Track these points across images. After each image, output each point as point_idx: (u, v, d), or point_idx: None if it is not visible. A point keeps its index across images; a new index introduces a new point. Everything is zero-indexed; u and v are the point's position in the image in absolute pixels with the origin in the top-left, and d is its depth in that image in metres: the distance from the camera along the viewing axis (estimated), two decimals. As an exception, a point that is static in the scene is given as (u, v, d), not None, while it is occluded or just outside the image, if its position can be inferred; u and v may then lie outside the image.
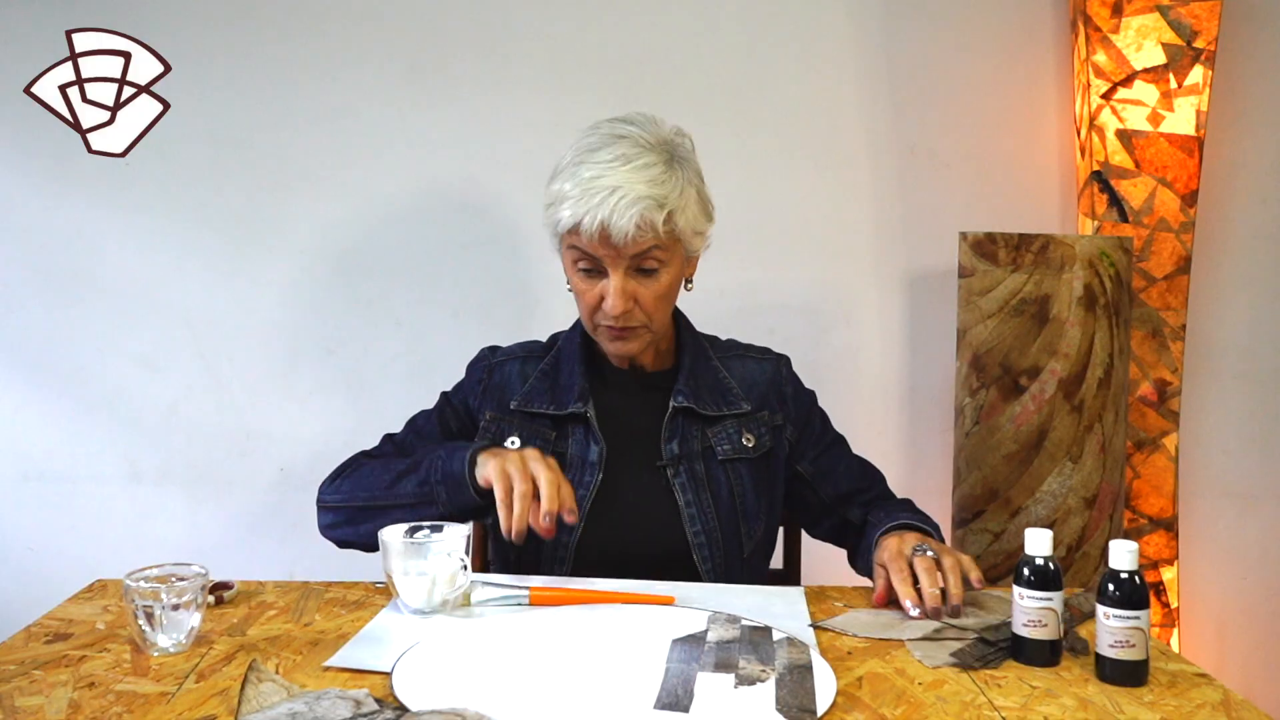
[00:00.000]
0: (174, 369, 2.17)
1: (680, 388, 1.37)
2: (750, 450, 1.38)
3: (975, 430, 1.88)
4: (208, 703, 0.94)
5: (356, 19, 2.13)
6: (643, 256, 1.27)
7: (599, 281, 1.29)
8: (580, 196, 1.24)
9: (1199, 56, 2.00)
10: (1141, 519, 2.07)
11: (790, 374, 1.48)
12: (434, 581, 1.13)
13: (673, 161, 1.29)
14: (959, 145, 2.15)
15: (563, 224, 1.26)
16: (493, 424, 1.40)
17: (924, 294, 2.17)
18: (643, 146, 1.27)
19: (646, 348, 1.37)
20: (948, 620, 1.14)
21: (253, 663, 1.02)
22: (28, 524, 2.19)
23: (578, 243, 1.27)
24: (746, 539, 1.37)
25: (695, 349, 1.43)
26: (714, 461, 1.36)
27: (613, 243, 1.24)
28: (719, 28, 2.14)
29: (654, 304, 1.31)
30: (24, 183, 2.13)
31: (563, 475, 1.18)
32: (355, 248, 2.16)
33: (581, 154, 1.28)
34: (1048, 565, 1.03)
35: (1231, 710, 0.95)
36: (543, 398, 1.40)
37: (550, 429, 1.38)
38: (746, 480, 1.37)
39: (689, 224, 1.30)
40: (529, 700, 0.91)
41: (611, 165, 1.25)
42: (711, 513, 1.34)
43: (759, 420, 1.40)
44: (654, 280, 1.30)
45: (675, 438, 1.36)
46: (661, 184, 1.26)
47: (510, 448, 1.32)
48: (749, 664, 0.98)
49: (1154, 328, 2.05)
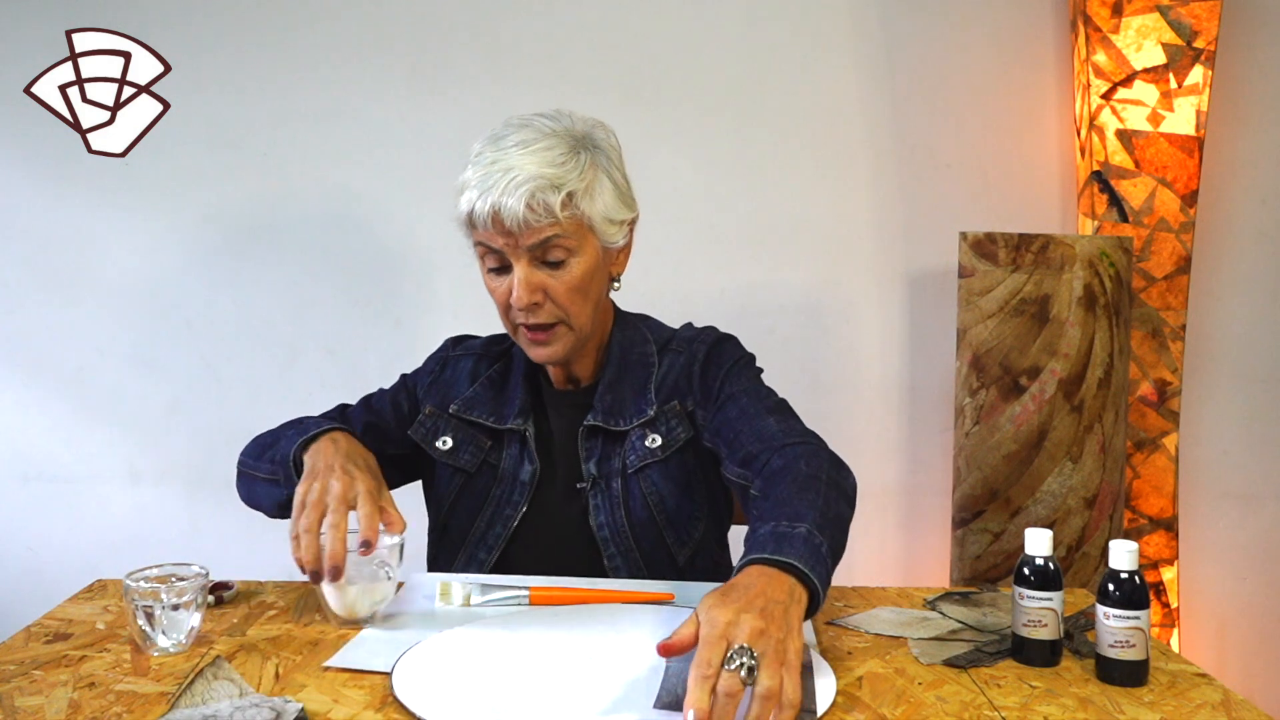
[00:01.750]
0: (174, 369, 2.17)
1: (595, 403, 1.29)
2: (658, 451, 1.28)
3: (975, 430, 1.88)
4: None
5: (356, 19, 2.13)
6: (545, 246, 1.19)
7: (506, 278, 1.21)
8: (475, 183, 1.18)
9: (1199, 56, 2.00)
10: (1141, 519, 2.07)
11: (704, 350, 1.33)
12: (359, 591, 1.10)
13: (579, 147, 1.22)
14: (959, 145, 2.15)
15: (461, 212, 1.20)
16: (429, 419, 1.36)
17: (924, 294, 2.17)
18: (546, 133, 1.21)
19: (572, 352, 1.27)
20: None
21: (216, 659, 1.02)
22: (28, 524, 2.19)
23: (479, 235, 1.21)
24: (677, 547, 1.28)
25: (626, 355, 1.33)
26: (628, 476, 1.28)
27: (507, 228, 1.17)
28: (719, 28, 2.14)
29: (567, 296, 1.21)
30: (24, 183, 2.14)
31: (367, 501, 1.09)
32: (355, 248, 2.16)
33: (485, 142, 1.22)
34: (1048, 565, 1.03)
35: (1231, 710, 0.95)
36: (484, 406, 1.34)
37: (486, 438, 1.33)
38: (661, 486, 1.28)
39: (599, 210, 1.21)
40: (530, 701, 0.91)
41: (510, 150, 1.19)
42: (626, 531, 1.27)
43: (667, 414, 1.29)
44: (564, 271, 1.21)
45: (593, 457, 1.29)
46: (559, 165, 1.18)
47: (440, 446, 1.32)
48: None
49: (1154, 328, 2.05)
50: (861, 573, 2.07)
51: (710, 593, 0.90)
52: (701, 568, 1.30)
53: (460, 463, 1.33)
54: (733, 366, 1.31)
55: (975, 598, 1.24)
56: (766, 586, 0.91)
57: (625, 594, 1.19)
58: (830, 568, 0.99)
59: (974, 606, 1.21)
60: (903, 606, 1.21)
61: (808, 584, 0.94)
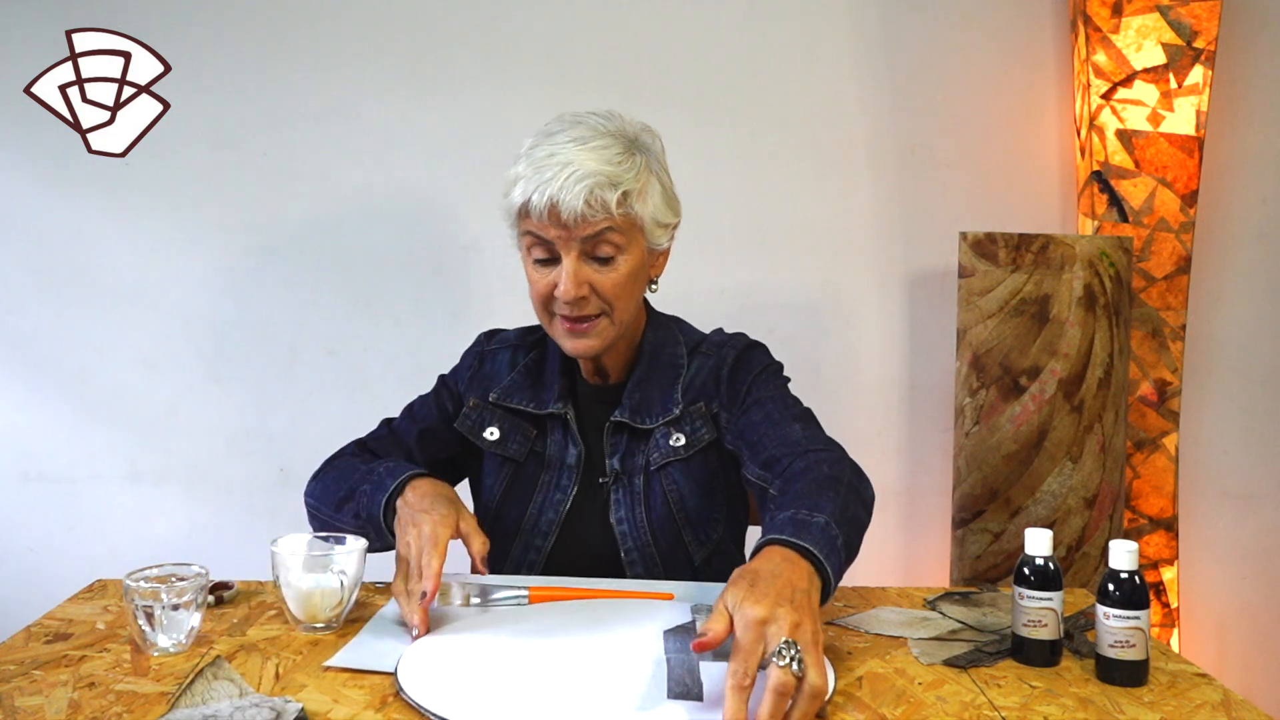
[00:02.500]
0: (174, 369, 2.17)
1: (624, 399, 1.31)
2: (681, 450, 1.29)
3: (975, 430, 1.88)
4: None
5: (356, 19, 2.13)
6: (596, 240, 1.21)
7: (552, 270, 1.23)
8: (531, 175, 1.20)
9: (1199, 56, 2.00)
10: (1141, 519, 2.07)
11: (733, 355, 1.34)
12: (320, 597, 1.10)
13: (633, 148, 1.24)
14: (959, 145, 2.15)
15: (515, 205, 1.21)
16: (474, 411, 1.37)
17: (924, 294, 2.17)
18: (601, 132, 1.23)
19: (607, 346, 1.28)
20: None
21: (216, 659, 1.02)
22: (28, 524, 2.19)
23: (530, 225, 1.22)
24: (695, 546, 1.30)
25: (657, 355, 1.34)
26: (651, 473, 1.30)
27: (563, 221, 1.19)
28: (719, 28, 2.14)
29: (611, 292, 1.23)
30: (24, 183, 2.14)
31: (432, 558, 1.08)
32: (355, 248, 2.16)
33: (539, 137, 1.24)
34: (1048, 565, 1.03)
35: (1231, 710, 0.95)
36: (523, 393, 1.35)
37: (531, 426, 1.35)
38: (683, 484, 1.29)
39: (649, 212, 1.23)
40: (541, 696, 0.91)
41: (566, 145, 1.20)
42: (645, 528, 1.28)
43: (692, 415, 1.30)
44: (611, 269, 1.23)
45: (617, 453, 1.30)
46: (617, 164, 1.20)
47: (488, 437, 1.33)
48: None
49: (1154, 328, 2.05)
50: (861, 573, 2.05)
51: (736, 580, 0.91)
52: (718, 568, 1.31)
53: (509, 452, 1.34)
54: (761, 373, 1.33)
55: (975, 598, 1.24)
56: (791, 573, 0.92)
57: (624, 592, 1.19)
58: (843, 562, 1.02)
59: (974, 606, 1.21)
60: (903, 606, 1.21)
61: (822, 573, 0.96)
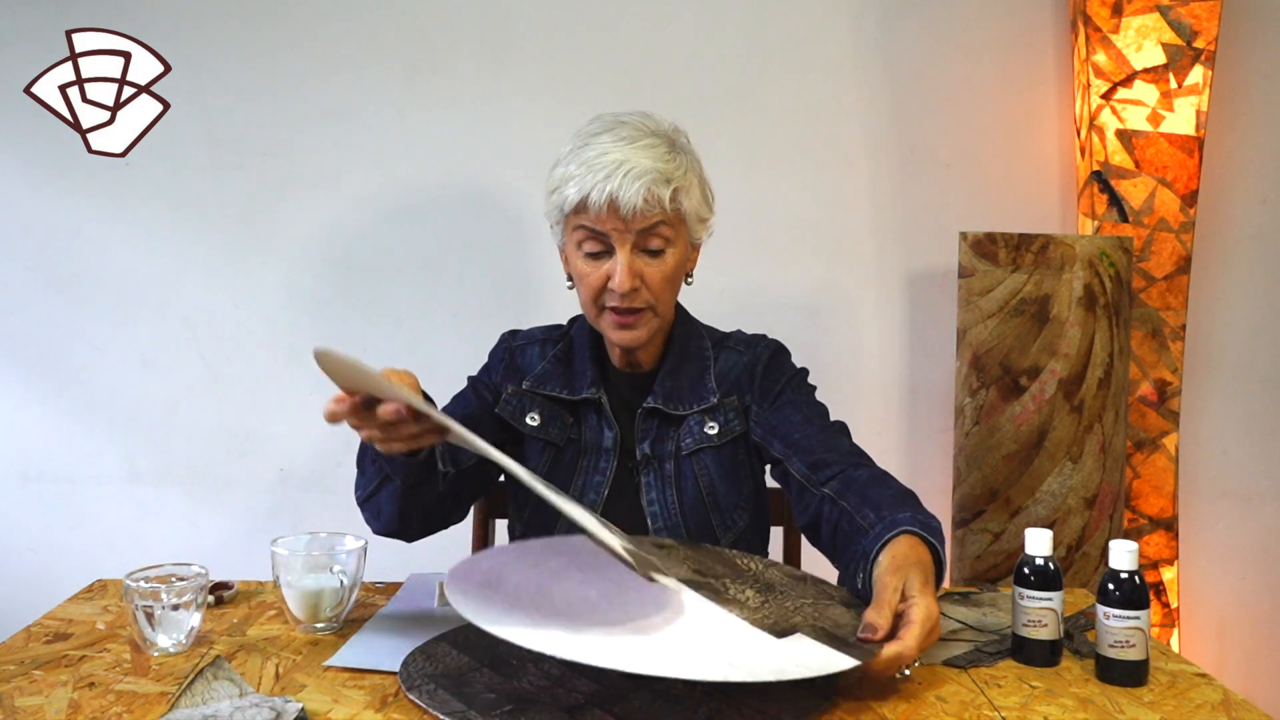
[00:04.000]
0: (174, 369, 2.17)
1: (656, 387, 1.36)
2: (714, 438, 1.35)
3: (975, 430, 1.88)
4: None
5: (356, 19, 2.13)
6: (650, 233, 1.27)
7: (604, 263, 1.29)
8: (585, 173, 1.25)
9: (1199, 56, 2.00)
10: (1141, 519, 2.07)
11: (768, 354, 1.41)
12: (320, 597, 1.11)
13: (675, 147, 1.31)
14: (959, 145, 2.15)
15: (569, 201, 1.26)
16: (514, 397, 1.40)
17: (924, 294, 2.17)
18: (645, 131, 1.29)
19: (652, 337, 1.35)
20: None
21: (216, 659, 1.02)
22: (28, 524, 2.19)
23: (585, 220, 1.27)
24: (722, 530, 1.34)
25: (685, 346, 1.40)
26: (681, 458, 1.35)
27: (621, 215, 1.24)
28: (719, 28, 2.14)
29: (660, 285, 1.30)
30: (24, 183, 2.14)
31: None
32: (355, 248, 2.16)
33: (584, 139, 1.29)
34: (1048, 565, 1.03)
35: (1231, 710, 0.95)
36: (556, 380, 1.39)
37: (567, 414, 1.38)
38: (713, 470, 1.35)
39: (693, 208, 1.31)
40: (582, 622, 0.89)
41: (616, 144, 1.26)
42: (676, 510, 1.33)
43: (726, 406, 1.36)
44: (660, 261, 1.29)
45: (648, 438, 1.35)
46: (666, 161, 1.27)
47: (529, 422, 1.37)
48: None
49: (1154, 328, 2.05)
50: (861, 573, 2.07)
51: (902, 568, 1.04)
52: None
53: (551, 436, 1.38)
54: (793, 376, 1.40)
55: (975, 598, 1.24)
56: (931, 567, 1.07)
57: None
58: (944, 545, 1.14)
59: (974, 606, 1.21)
60: (903, 606, 1.21)
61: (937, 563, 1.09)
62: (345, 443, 1.54)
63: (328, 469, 2.17)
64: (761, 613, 0.99)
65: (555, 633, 0.89)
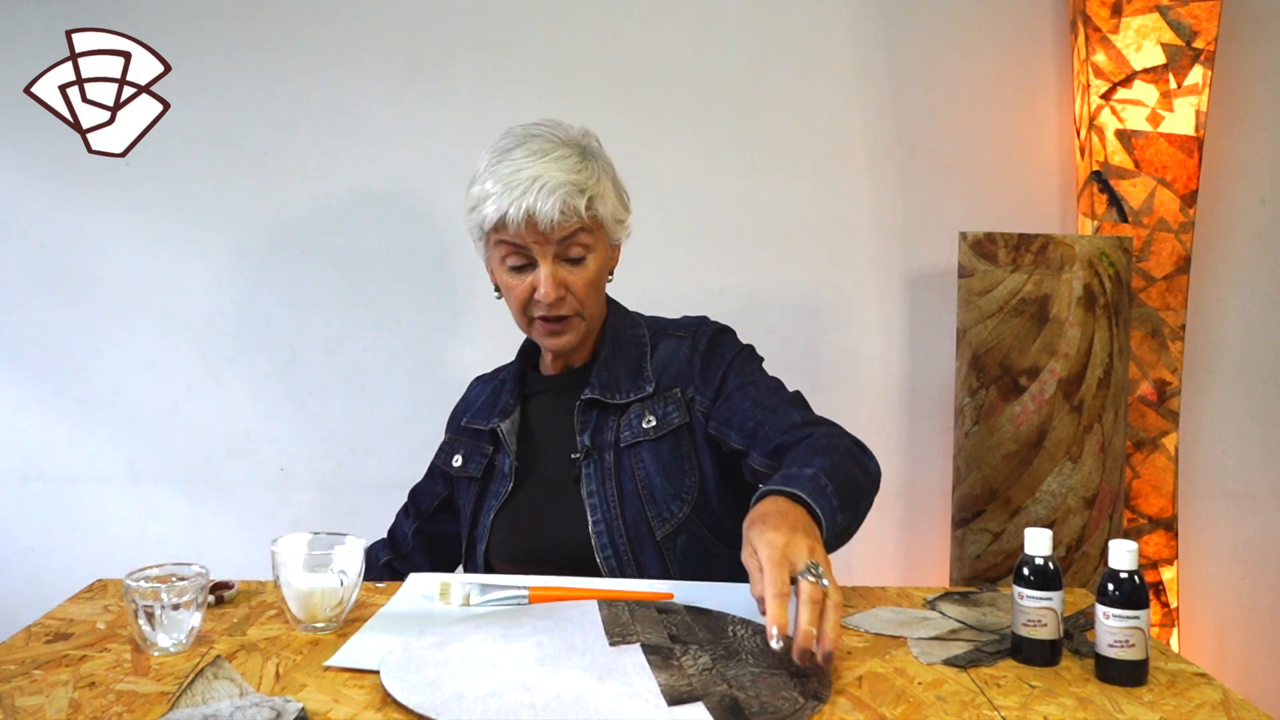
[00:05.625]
0: (174, 369, 2.17)
1: (592, 379, 1.39)
2: (650, 431, 1.35)
3: (975, 430, 1.88)
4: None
5: (356, 18, 2.13)
6: (569, 242, 1.31)
7: (528, 275, 1.33)
8: (502, 191, 1.28)
9: (1198, 56, 2.00)
10: (1141, 519, 2.07)
11: (705, 340, 1.40)
12: (320, 597, 1.11)
13: (585, 154, 1.34)
14: (959, 145, 2.15)
15: (489, 220, 1.30)
16: (446, 445, 1.51)
17: (924, 294, 2.17)
18: (555, 143, 1.33)
19: (582, 339, 1.39)
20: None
21: (216, 659, 1.02)
22: (28, 524, 2.19)
23: (505, 236, 1.31)
24: (657, 523, 1.33)
25: (621, 338, 1.42)
26: (621, 450, 1.36)
27: (540, 229, 1.28)
28: (719, 28, 2.14)
29: (584, 290, 1.34)
30: (24, 183, 2.14)
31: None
32: (355, 248, 2.17)
33: (497, 155, 1.33)
34: (1047, 565, 1.03)
35: (1231, 710, 0.95)
36: (481, 413, 1.47)
37: (487, 444, 1.45)
38: (650, 463, 1.35)
39: (609, 211, 1.35)
40: (532, 697, 0.91)
41: (528, 159, 1.30)
42: (615, 501, 1.34)
43: (665, 398, 1.37)
44: (582, 268, 1.34)
45: (587, 430, 1.37)
46: (578, 172, 1.31)
47: (454, 464, 1.46)
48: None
49: (1154, 328, 2.05)
50: (861, 573, 2.07)
51: (750, 524, 1.01)
52: (682, 545, 1.35)
53: (470, 472, 1.45)
54: (734, 358, 1.39)
55: (975, 598, 1.24)
56: (792, 512, 1.03)
57: (624, 592, 1.19)
58: (835, 509, 1.08)
59: (974, 606, 1.21)
60: (903, 606, 1.21)
61: (814, 516, 1.04)
62: (345, 443, 1.55)
63: (328, 469, 2.17)
64: (686, 681, 0.93)
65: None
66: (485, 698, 0.91)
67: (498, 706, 0.89)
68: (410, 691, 0.92)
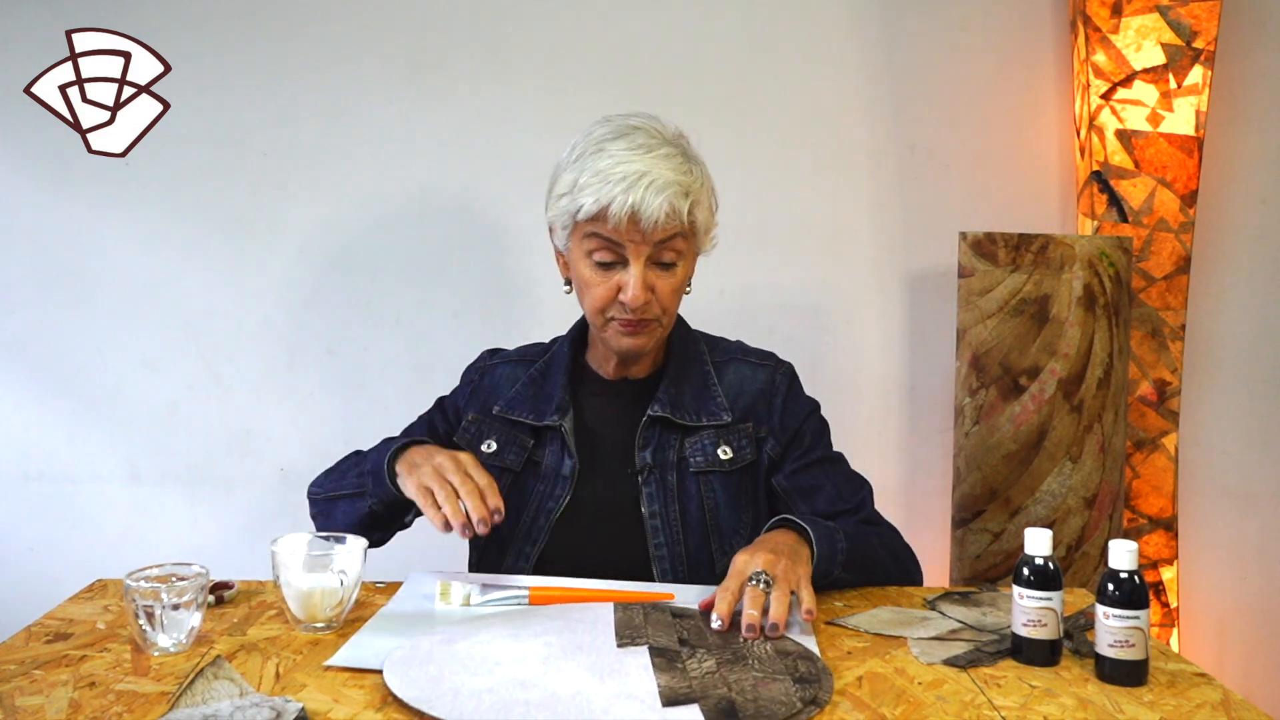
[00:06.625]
0: (174, 369, 2.17)
1: (660, 395, 1.34)
2: (726, 463, 1.33)
3: (975, 430, 1.88)
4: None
5: (357, 18, 2.13)
6: (665, 246, 1.25)
7: (614, 274, 1.26)
8: (603, 183, 1.21)
9: (1198, 56, 2.00)
10: (1141, 519, 2.07)
11: (786, 383, 1.40)
12: (320, 597, 1.11)
13: (687, 156, 1.28)
14: (959, 145, 2.15)
15: (585, 211, 1.23)
16: (473, 425, 1.40)
17: (924, 294, 2.17)
18: (659, 138, 1.26)
19: (656, 345, 1.34)
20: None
21: (216, 659, 1.02)
22: (28, 524, 2.19)
23: (600, 230, 1.24)
24: (719, 555, 1.30)
25: (685, 354, 1.39)
26: (687, 473, 1.32)
27: (640, 228, 1.22)
28: (719, 27, 2.14)
29: (669, 297, 1.29)
30: (24, 183, 2.14)
31: (481, 472, 1.17)
32: (355, 248, 2.16)
33: (597, 143, 1.25)
34: (1047, 565, 1.03)
35: (1231, 710, 0.95)
36: (524, 405, 1.38)
37: (529, 437, 1.37)
38: (720, 494, 1.32)
39: (704, 220, 1.29)
40: (531, 697, 0.91)
41: (634, 153, 1.23)
42: (678, 525, 1.30)
43: (740, 432, 1.35)
44: (671, 274, 1.28)
45: (650, 446, 1.33)
46: (685, 173, 1.25)
47: (485, 450, 1.37)
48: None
49: (1154, 328, 2.05)
50: (861, 573, 2.07)
51: (742, 555, 1.12)
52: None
53: (506, 462, 1.37)
54: (809, 417, 1.40)
55: (975, 598, 1.24)
56: (779, 536, 1.17)
57: (625, 593, 1.19)
58: (837, 556, 1.19)
59: (974, 606, 1.21)
60: (902, 606, 1.22)
61: (810, 546, 1.16)
62: (345, 443, 1.55)
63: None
64: (686, 683, 0.93)
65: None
66: (481, 694, 0.91)
67: (492, 702, 0.89)
68: (409, 686, 0.92)
